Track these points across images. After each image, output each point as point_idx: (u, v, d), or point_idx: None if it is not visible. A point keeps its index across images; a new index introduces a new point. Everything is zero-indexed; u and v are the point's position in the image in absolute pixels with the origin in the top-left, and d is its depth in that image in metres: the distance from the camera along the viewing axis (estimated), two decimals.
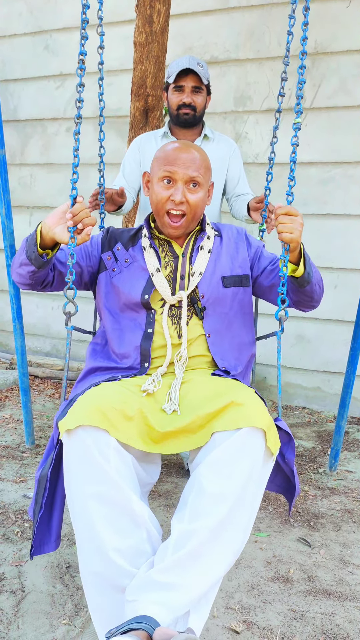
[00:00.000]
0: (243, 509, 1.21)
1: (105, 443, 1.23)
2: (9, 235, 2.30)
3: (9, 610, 1.57)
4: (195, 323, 1.59)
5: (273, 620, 1.58)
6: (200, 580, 1.11)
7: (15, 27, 3.95)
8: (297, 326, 3.47)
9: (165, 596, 1.06)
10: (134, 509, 1.19)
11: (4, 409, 3.23)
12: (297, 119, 1.56)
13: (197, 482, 1.22)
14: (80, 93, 1.63)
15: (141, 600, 1.06)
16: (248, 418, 1.26)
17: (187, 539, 1.14)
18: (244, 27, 3.38)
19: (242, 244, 1.70)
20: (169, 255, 1.63)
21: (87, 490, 1.20)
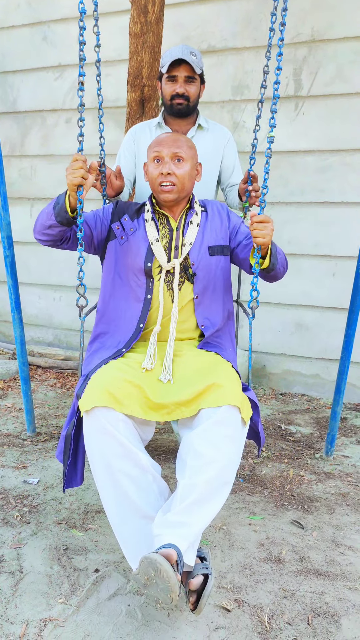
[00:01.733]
0: (230, 465, 1.57)
1: (115, 418, 1.59)
2: (6, 226, 2.33)
3: (7, 590, 1.62)
4: (186, 287, 1.89)
5: (263, 599, 1.62)
6: (203, 519, 1.50)
7: (13, 18, 3.96)
8: (295, 314, 3.49)
9: (180, 531, 1.45)
10: (142, 462, 1.58)
11: (6, 398, 3.28)
12: (271, 132, 1.74)
13: (192, 447, 1.57)
14: (81, 83, 1.78)
15: (164, 534, 1.44)
16: (227, 397, 1.61)
17: (190, 491, 1.50)
18: (241, 15, 3.37)
19: (224, 218, 1.98)
20: (166, 228, 1.91)
21: (105, 453, 1.56)
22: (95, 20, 1.98)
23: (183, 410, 1.66)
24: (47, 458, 2.49)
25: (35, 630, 1.47)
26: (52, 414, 3.07)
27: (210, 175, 2.43)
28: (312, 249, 3.40)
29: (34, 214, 4.14)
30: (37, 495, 2.16)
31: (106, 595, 1.61)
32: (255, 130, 2.10)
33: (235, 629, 1.50)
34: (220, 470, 1.54)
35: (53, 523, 1.98)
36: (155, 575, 1.30)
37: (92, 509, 2.08)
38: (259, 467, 2.48)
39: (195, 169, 1.92)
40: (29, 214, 4.15)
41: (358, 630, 1.50)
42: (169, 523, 1.47)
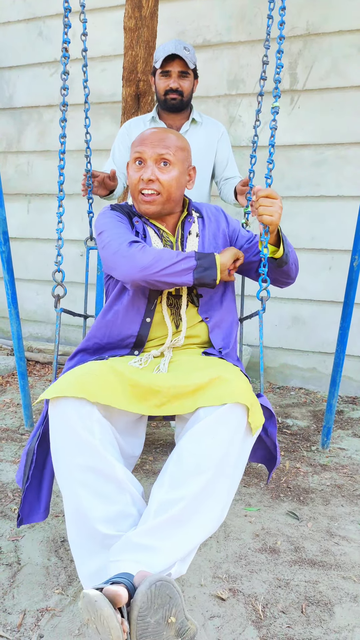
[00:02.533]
0: (222, 479, 1.26)
1: (87, 415, 1.28)
2: (2, 222, 2.35)
3: (5, 582, 1.64)
4: (191, 310, 1.63)
5: (258, 588, 1.64)
6: (178, 545, 1.18)
7: (8, 14, 3.96)
8: (292, 308, 3.51)
9: (144, 557, 1.14)
10: (118, 476, 1.26)
11: (4, 394, 3.30)
12: (275, 102, 1.60)
13: (177, 452, 1.28)
14: (65, 81, 1.70)
15: (122, 560, 1.14)
16: (232, 394, 1.31)
17: (167, 506, 1.20)
18: (236, 9, 3.38)
19: (222, 223, 1.74)
20: (165, 240, 1.65)
21: (72, 462, 1.26)
22: (82, 6, 1.94)
23: (177, 405, 1.36)
24: None
25: (32, 620, 1.49)
26: None
27: (204, 169, 2.44)
28: (308, 243, 3.41)
29: (31, 210, 4.15)
30: None
31: None
32: (256, 125, 2.05)
33: (230, 617, 1.52)
34: (207, 483, 1.23)
35: (50, 516, 1.99)
36: (95, 619, 0.98)
37: None
38: None
39: (186, 174, 1.64)
40: (26, 210, 4.16)
41: (351, 618, 1.52)
42: (130, 546, 1.16)
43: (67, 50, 1.71)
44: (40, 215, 4.13)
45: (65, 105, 1.71)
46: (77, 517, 1.25)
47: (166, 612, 1.02)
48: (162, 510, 1.20)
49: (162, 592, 1.02)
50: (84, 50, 2.02)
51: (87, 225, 4.02)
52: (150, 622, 1.00)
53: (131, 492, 1.27)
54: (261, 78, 1.87)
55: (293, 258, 1.61)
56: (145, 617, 0.99)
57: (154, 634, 1.00)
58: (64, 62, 1.68)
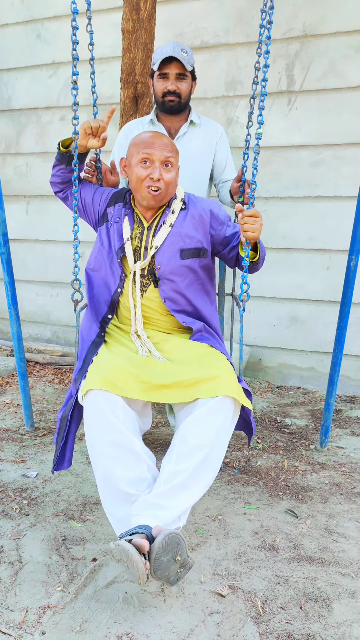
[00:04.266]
0: (216, 453, 1.63)
1: (114, 403, 1.64)
2: (2, 223, 2.36)
3: (7, 580, 1.66)
4: (152, 291, 1.90)
5: (257, 585, 1.66)
6: (183, 504, 1.56)
7: (7, 16, 3.98)
8: (291, 308, 3.53)
9: (158, 513, 1.51)
10: (137, 450, 1.62)
11: (5, 394, 3.31)
12: (259, 129, 1.77)
13: (181, 433, 1.63)
14: (75, 112, 1.91)
15: (142, 515, 1.50)
16: (222, 388, 1.67)
17: (174, 475, 1.56)
18: (233, 11, 3.39)
19: (206, 219, 1.93)
20: (139, 227, 1.92)
21: (102, 439, 1.62)
22: (88, 19, 2.01)
23: (179, 394, 1.69)
24: (45, 452, 2.52)
25: (34, 617, 1.50)
26: (50, 409, 3.10)
27: (202, 171, 2.46)
28: (306, 243, 3.43)
29: (30, 212, 4.16)
30: (35, 488, 2.19)
31: (104, 583, 1.65)
32: (248, 126, 2.13)
33: (230, 613, 1.54)
34: (205, 457, 1.59)
35: (52, 515, 2.01)
36: (127, 561, 1.40)
37: (89, 500, 2.11)
38: (254, 459, 2.51)
39: (177, 173, 1.92)
40: (25, 212, 4.17)
41: (349, 614, 1.54)
42: (148, 504, 1.53)
43: (76, 51, 1.86)
44: (39, 217, 4.15)
45: (76, 104, 1.87)
46: (105, 480, 1.61)
47: (174, 553, 1.42)
48: (170, 479, 1.55)
49: (172, 541, 1.41)
50: (92, 60, 2.09)
51: (86, 227, 4.03)
52: (163, 560, 1.41)
53: (147, 462, 1.63)
54: (253, 82, 1.92)
55: (263, 256, 1.89)
56: (160, 557, 1.40)
57: (165, 568, 1.42)
58: (73, 64, 1.82)
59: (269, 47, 1.69)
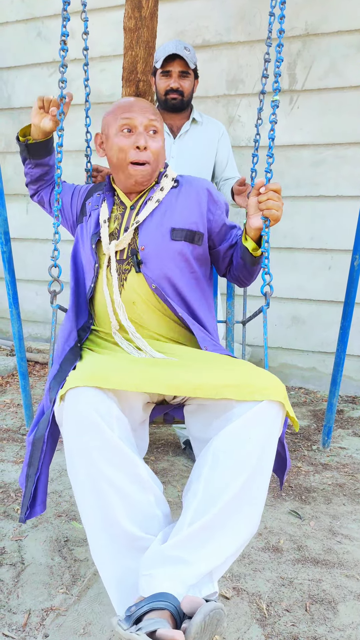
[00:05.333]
0: (259, 481, 1.21)
1: (107, 411, 1.21)
2: (3, 222, 2.35)
3: (9, 581, 1.64)
4: (134, 277, 1.53)
5: (262, 587, 1.65)
6: (215, 555, 1.13)
7: (7, 14, 3.96)
8: (292, 308, 3.51)
9: (180, 571, 1.08)
10: (143, 476, 1.19)
11: (5, 394, 3.29)
12: (275, 96, 1.57)
13: (212, 454, 1.20)
14: (63, 74, 1.60)
15: (157, 575, 1.08)
16: (268, 390, 1.23)
17: (202, 513, 1.14)
18: (235, 9, 3.38)
19: (203, 200, 1.61)
20: (120, 207, 1.62)
21: (93, 457, 1.17)
22: (83, 5, 1.89)
23: (197, 386, 1.25)
24: None
25: (37, 620, 1.49)
26: None
27: (205, 169, 2.44)
28: (307, 243, 3.42)
29: (30, 210, 4.15)
30: None
31: None
32: (257, 124, 1.92)
33: (235, 615, 1.53)
34: (243, 486, 1.17)
35: (53, 516, 2.00)
36: None
37: None
38: None
39: (164, 146, 1.61)
40: (25, 211, 4.15)
41: (355, 616, 1.53)
42: (164, 558, 1.11)
43: (66, 43, 1.61)
44: (39, 216, 4.13)
45: (63, 98, 1.58)
46: (99, 518, 1.18)
47: (212, 634, 1.04)
48: (196, 517, 1.14)
49: (213, 619, 1.02)
50: (85, 49, 1.99)
51: None
52: None
53: (154, 492, 1.21)
54: (263, 76, 1.85)
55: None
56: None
57: None
58: (62, 55, 1.58)
59: (281, 39, 1.60)
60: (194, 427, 1.40)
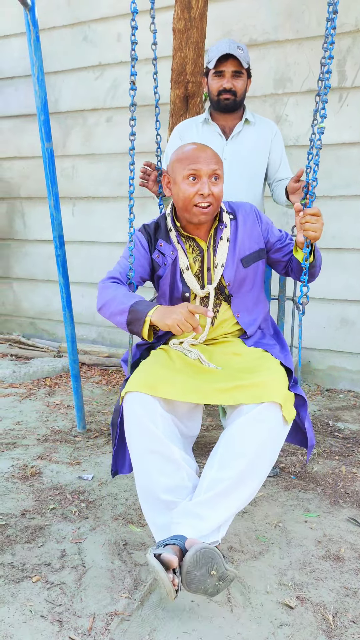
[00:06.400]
0: (261, 463, 1.56)
1: (152, 409, 1.58)
2: (57, 225, 2.37)
3: (72, 584, 1.65)
4: (225, 309, 1.86)
5: (326, 597, 1.61)
6: (222, 514, 1.51)
7: (54, 19, 4.01)
8: (341, 309, 3.45)
9: (196, 523, 1.49)
10: (176, 458, 1.57)
11: (54, 395, 3.33)
12: (322, 123, 1.69)
13: (225, 440, 1.58)
14: (133, 82, 1.75)
15: (181, 523, 1.49)
16: (268, 394, 1.58)
17: (215, 483, 1.51)
18: (283, 7, 3.34)
19: (255, 221, 1.90)
20: (196, 250, 1.83)
21: (141, 446, 1.58)
22: (152, 17, 1.99)
23: (220, 397, 1.62)
24: (99, 454, 2.52)
25: (102, 624, 1.49)
26: (100, 410, 3.11)
27: (258, 170, 2.41)
28: (356, 243, 3.35)
29: (76, 213, 4.19)
30: (92, 491, 2.19)
31: None
32: (314, 124, 1.92)
33: (300, 626, 1.50)
34: (248, 465, 1.53)
35: (110, 518, 2.00)
36: (156, 578, 1.38)
37: None
38: (310, 464, 2.46)
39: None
40: (71, 213, 4.20)
41: None
42: (187, 512, 1.51)
43: (135, 51, 1.76)
44: (85, 218, 4.17)
45: (134, 105, 1.77)
46: (145, 488, 1.59)
47: (208, 568, 1.39)
48: (211, 486, 1.51)
49: (205, 555, 1.38)
50: (155, 59, 2.05)
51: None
52: (196, 575, 1.38)
53: (186, 470, 1.59)
54: (319, 79, 1.83)
55: (319, 263, 1.83)
56: (192, 571, 1.37)
57: (200, 582, 1.40)
58: (132, 64, 1.74)
59: (333, 37, 1.63)
60: (227, 415, 1.78)
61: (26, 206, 4.43)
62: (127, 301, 1.64)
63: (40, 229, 4.39)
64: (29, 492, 2.17)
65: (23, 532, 1.91)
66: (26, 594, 1.61)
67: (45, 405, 3.17)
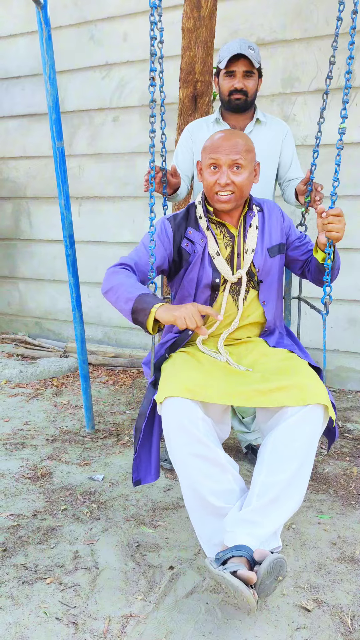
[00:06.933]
0: (308, 464, 1.56)
1: (194, 413, 1.55)
2: (68, 225, 2.36)
3: (86, 586, 1.64)
4: (252, 296, 1.85)
5: (343, 599, 1.60)
6: (277, 519, 1.51)
7: (60, 19, 4.00)
8: (349, 310, 3.44)
9: (254, 531, 1.47)
10: (221, 461, 1.55)
11: (61, 395, 3.32)
12: (342, 124, 1.66)
13: (271, 444, 1.57)
14: (152, 79, 1.73)
15: (237, 532, 1.46)
16: (314, 396, 1.57)
17: (267, 489, 1.50)
18: (291, 6, 3.32)
19: (279, 216, 1.93)
20: (227, 236, 1.83)
21: (184, 451, 1.55)
22: (159, 16, 1.95)
23: (262, 399, 1.59)
24: (108, 455, 2.51)
25: (118, 627, 1.48)
26: (107, 410, 3.09)
27: (269, 170, 2.40)
28: None
29: (82, 213, 4.18)
30: (103, 492, 2.18)
31: (183, 593, 1.62)
32: (319, 122, 2.02)
33: (318, 629, 1.49)
34: (298, 468, 1.52)
35: (122, 520, 1.99)
36: (236, 596, 1.35)
37: (159, 505, 2.08)
38: (321, 465, 2.44)
39: (253, 171, 1.82)
40: (77, 213, 4.19)
41: None
42: (242, 521, 1.48)
43: (155, 47, 1.72)
44: (91, 218, 4.16)
45: (153, 101, 1.72)
46: (192, 494, 1.56)
47: (276, 575, 1.41)
48: (263, 492, 1.50)
49: (277, 565, 1.39)
50: (161, 58, 2.02)
51: (138, 228, 4.02)
52: (267, 584, 1.39)
53: (232, 473, 1.57)
54: (327, 77, 1.84)
55: (339, 264, 1.83)
56: (264, 581, 1.38)
57: (268, 589, 1.40)
58: (151, 60, 1.70)
59: (353, 37, 1.61)
60: (260, 418, 1.78)
61: (32, 206, 4.42)
62: (135, 291, 1.62)
63: (46, 228, 4.38)
64: (40, 493, 2.16)
65: (35, 533, 1.90)
66: (40, 596, 1.60)
67: (53, 405, 3.16)
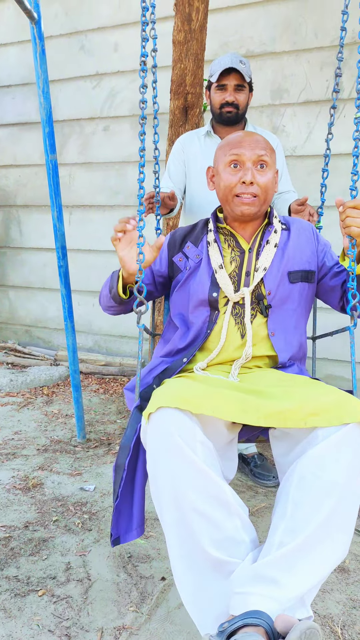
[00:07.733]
0: (348, 504, 1.17)
1: (191, 435, 1.20)
2: (61, 236, 2.37)
3: (78, 598, 1.64)
4: (259, 323, 1.56)
5: (333, 609, 1.62)
6: (307, 578, 1.10)
7: (51, 29, 4.02)
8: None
9: (273, 591, 1.07)
10: (228, 500, 1.17)
11: (52, 404, 3.32)
12: (357, 113, 1.49)
13: (298, 475, 1.18)
14: (144, 94, 1.55)
15: (250, 593, 1.07)
16: (352, 414, 1.22)
17: (291, 535, 1.12)
18: (280, 19, 3.37)
19: (311, 239, 1.64)
20: (235, 250, 1.59)
21: (177, 483, 1.17)
22: (152, 23, 1.90)
23: (284, 417, 1.25)
24: (100, 465, 2.51)
25: (110, 639, 1.48)
26: (98, 419, 3.10)
27: None
28: None
29: (73, 222, 4.19)
30: (95, 502, 2.18)
31: (175, 604, 1.63)
32: (328, 139, 1.87)
33: None
34: (336, 506, 1.14)
35: None
36: None
37: (150, 516, 2.09)
38: None
39: (275, 176, 1.59)
40: (68, 222, 4.20)
41: None
42: (256, 577, 1.09)
43: (146, 32, 1.53)
44: (81, 227, 4.17)
45: (144, 118, 1.56)
46: (183, 544, 1.18)
47: None
48: (286, 540, 1.12)
49: (310, 637, 0.98)
50: (154, 67, 1.95)
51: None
52: None
53: (240, 516, 1.18)
54: (334, 91, 1.79)
55: None
56: None
57: None
58: (142, 45, 1.52)
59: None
60: (278, 450, 1.39)
61: (22, 214, 4.43)
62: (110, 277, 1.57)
63: (36, 237, 4.38)
64: (31, 504, 2.16)
65: (27, 544, 1.90)
66: (32, 608, 1.60)
67: (44, 414, 3.16)
